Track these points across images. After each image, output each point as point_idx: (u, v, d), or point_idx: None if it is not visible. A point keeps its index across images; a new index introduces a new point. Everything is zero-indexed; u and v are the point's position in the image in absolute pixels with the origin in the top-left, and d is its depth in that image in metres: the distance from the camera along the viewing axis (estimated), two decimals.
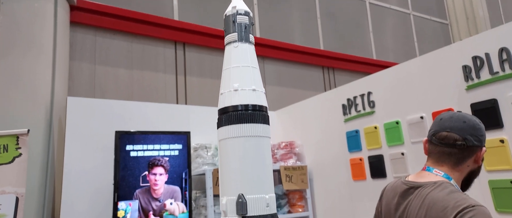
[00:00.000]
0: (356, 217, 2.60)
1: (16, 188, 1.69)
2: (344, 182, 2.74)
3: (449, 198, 1.05)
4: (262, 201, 0.54)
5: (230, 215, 0.55)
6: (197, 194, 2.98)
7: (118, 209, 2.40)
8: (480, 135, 1.13)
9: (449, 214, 1.02)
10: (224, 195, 0.58)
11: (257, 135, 0.57)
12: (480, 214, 1.00)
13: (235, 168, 0.56)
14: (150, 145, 2.65)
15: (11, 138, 1.74)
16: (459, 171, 1.14)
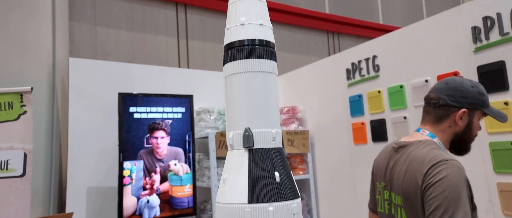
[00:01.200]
0: (355, 179, 2.67)
1: (23, 144, 1.72)
2: (344, 146, 2.77)
3: (428, 153, 1.10)
4: (268, 135, 0.54)
5: (236, 148, 0.56)
6: (201, 156, 3.04)
7: (124, 169, 2.46)
8: (461, 96, 1.14)
9: (425, 167, 1.06)
10: (230, 130, 0.58)
11: (264, 71, 0.56)
12: (452, 167, 1.03)
13: (242, 103, 0.56)
14: (153, 107, 2.67)
15: (15, 95, 1.75)
16: (441, 131, 1.18)
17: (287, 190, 0.50)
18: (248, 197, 0.48)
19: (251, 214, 0.48)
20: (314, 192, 3.02)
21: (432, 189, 1.01)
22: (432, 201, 1.00)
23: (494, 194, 1.79)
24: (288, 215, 0.50)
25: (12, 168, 1.67)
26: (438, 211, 0.98)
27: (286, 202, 0.49)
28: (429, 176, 1.04)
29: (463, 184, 1.02)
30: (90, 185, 2.59)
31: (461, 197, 0.99)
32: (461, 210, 0.97)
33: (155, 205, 2.54)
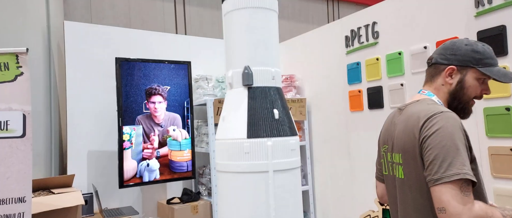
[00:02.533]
0: (350, 145, 2.72)
1: (22, 105, 1.72)
2: (341, 113, 2.81)
3: (424, 108, 1.10)
4: (268, 73, 0.55)
5: (236, 87, 0.56)
6: (199, 123, 3.07)
7: (123, 133, 2.49)
8: (450, 54, 1.13)
9: (421, 121, 1.06)
10: (229, 69, 0.59)
11: (265, 7, 0.56)
12: (447, 117, 1.03)
13: (241, 40, 0.56)
14: (151, 73, 2.66)
15: (11, 56, 1.73)
16: (436, 89, 1.17)
17: (285, 127, 0.52)
18: (247, 132, 0.50)
19: (250, 148, 0.49)
20: (310, 158, 3.09)
21: (429, 140, 1.02)
22: (430, 152, 1.01)
23: (484, 158, 1.84)
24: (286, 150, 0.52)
25: (12, 129, 1.69)
26: (437, 160, 0.98)
27: (285, 138, 0.51)
28: (426, 128, 1.04)
29: (460, 133, 1.02)
30: (90, 149, 2.63)
31: (458, 146, 0.98)
32: (459, 158, 0.97)
33: (155, 168, 2.60)
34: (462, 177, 0.94)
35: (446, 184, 0.95)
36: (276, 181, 0.47)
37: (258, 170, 0.50)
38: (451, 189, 0.95)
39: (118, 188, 2.43)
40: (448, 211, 0.94)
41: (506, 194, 1.73)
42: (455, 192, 0.94)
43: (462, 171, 0.95)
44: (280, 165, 0.59)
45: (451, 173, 0.95)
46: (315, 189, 3.08)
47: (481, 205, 0.99)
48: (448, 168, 0.96)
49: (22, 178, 1.67)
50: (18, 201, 1.67)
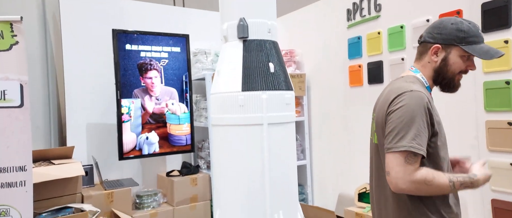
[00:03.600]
0: (348, 120, 2.73)
1: (18, 75, 1.71)
2: (340, 88, 2.80)
3: (400, 86, 1.19)
4: (264, 26, 0.54)
5: (231, 40, 0.55)
6: (198, 98, 3.07)
7: (122, 106, 2.49)
8: (437, 33, 1.20)
9: (392, 96, 1.18)
10: (225, 21, 0.57)
11: None
12: (413, 96, 1.13)
13: None
14: (148, 46, 2.62)
15: (5, 24, 1.70)
16: (423, 66, 1.26)
17: (281, 81, 0.51)
18: (242, 85, 0.49)
19: (245, 101, 0.49)
20: (308, 133, 3.11)
21: (392, 115, 1.14)
22: (389, 124, 1.14)
23: (481, 132, 1.85)
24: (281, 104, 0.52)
25: (10, 98, 1.68)
26: (393, 132, 1.11)
27: (280, 92, 0.50)
28: (393, 104, 1.16)
29: (421, 111, 1.12)
30: (89, 121, 2.64)
31: (415, 121, 1.10)
32: (412, 131, 1.09)
33: (154, 141, 2.62)
34: (407, 149, 1.09)
35: (395, 153, 1.09)
36: (270, 134, 0.47)
37: (252, 123, 0.50)
38: (397, 157, 1.09)
39: (118, 159, 2.46)
40: (391, 175, 1.11)
41: (501, 167, 1.76)
42: (399, 161, 1.09)
43: (409, 144, 1.09)
44: (275, 119, 0.59)
45: (400, 144, 1.08)
46: (312, 163, 3.12)
47: (423, 172, 1.10)
48: (399, 140, 1.09)
49: (22, 147, 1.68)
50: (19, 170, 1.69)
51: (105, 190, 2.32)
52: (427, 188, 1.10)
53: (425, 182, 1.09)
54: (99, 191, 2.31)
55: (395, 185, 1.09)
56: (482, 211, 1.84)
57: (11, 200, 1.65)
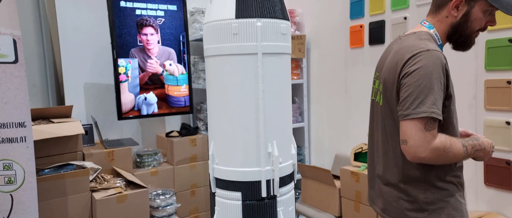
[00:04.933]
0: (348, 82, 2.72)
1: (11, 29, 1.67)
2: (340, 50, 2.76)
3: (415, 43, 1.10)
4: None
5: None
6: (196, 59, 3.03)
7: (119, 66, 2.46)
8: None
9: (406, 56, 1.09)
10: None
11: None
12: (430, 56, 1.05)
13: None
14: (142, 3, 2.53)
15: None
16: (439, 21, 1.16)
17: (277, 9, 0.49)
18: (235, 12, 0.47)
19: (239, 29, 0.48)
20: (307, 96, 3.12)
21: (408, 78, 1.06)
22: (406, 88, 1.06)
23: (480, 91, 1.85)
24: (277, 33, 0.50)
25: (3, 54, 1.65)
26: (410, 97, 1.04)
27: (275, 20, 0.49)
28: (408, 66, 1.07)
29: (439, 72, 1.05)
30: (86, 81, 2.62)
31: (434, 84, 1.03)
32: (431, 97, 1.02)
33: (153, 102, 2.62)
34: (429, 115, 1.01)
35: (413, 119, 1.03)
36: (265, 64, 0.47)
37: (246, 52, 0.49)
38: (416, 124, 1.02)
39: (117, 119, 2.47)
40: (409, 143, 1.03)
41: (497, 125, 1.78)
42: (418, 128, 1.02)
43: (430, 110, 1.02)
44: (270, 48, 0.57)
45: (420, 110, 1.02)
46: (310, 126, 3.15)
47: (442, 138, 1.05)
48: (418, 106, 1.02)
49: (19, 103, 1.67)
50: (19, 126, 1.70)
51: (106, 148, 2.36)
52: (445, 155, 1.05)
53: (444, 149, 1.04)
54: (99, 150, 2.35)
55: (413, 154, 1.03)
56: (474, 169, 1.89)
57: (13, 155, 1.68)
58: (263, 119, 0.47)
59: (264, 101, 0.48)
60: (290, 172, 0.50)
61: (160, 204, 2.30)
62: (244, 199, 0.47)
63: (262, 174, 0.46)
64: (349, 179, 2.30)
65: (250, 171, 0.46)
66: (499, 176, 1.75)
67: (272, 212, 0.47)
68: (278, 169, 0.46)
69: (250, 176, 0.47)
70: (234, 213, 0.47)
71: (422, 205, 1.14)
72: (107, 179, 2.22)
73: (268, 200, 0.47)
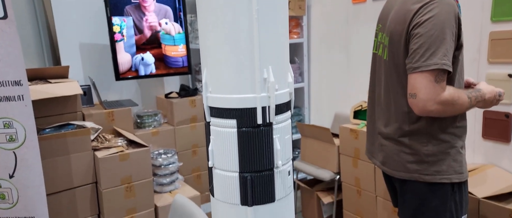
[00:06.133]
0: (349, 39, 2.66)
1: None
2: (342, 6, 2.67)
3: None
4: None
5: None
6: (192, 18, 2.94)
7: (113, 24, 2.39)
8: None
9: (416, 5, 1.04)
10: None
11: None
12: (442, 4, 1.00)
13: None
14: None
15: None
16: None
17: None
18: None
19: None
20: (307, 55, 3.06)
21: (419, 29, 1.01)
22: (416, 40, 1.02)
23: (484, 44, 1.81)
24: None
25: None
26: (421, 49, 1.00)
27: None
28: (419, 15, 1.03)
29: (452, 22, 1.01)
30: (82, 41, 2.56)
31: (446, 34, 0.99)
32: (443, 48, 0.98)
33: (150, 62, 2.58)
34: (440, 67, 0.98)
35: (423, 72, 0.99)
36: None
37: None
38: (426, 77, 0.99)
39: (115, 80, 2.45)
40: (418, 97, 1.00)
41: (499, 79, 1.75)
42: (428, 80, 0.99)
43: (441, 62, 0.98)
44: None
45: (431, 62, 0.98)
46: (310, 86, 3.13)
47: (451, 91, 1.03)
48: (429, 58, 0.98)
49: (13, 61, 1.64)
50: (15, 84, 1.68)
51: (105, 109, 2.36)
52: (452, 107, 1.03)
53: (452, 101, 1.02)
54: (99, 110, 2.35)
55: (422, 108, 1.01)
56: (473, 122, 1.89)
57: (12, 113, 1.68)
58: (258, 42, 0.45)
59: (258, 22, 0.46)
60: (287, 101, 0.49)
61: (162, 162, 2.34)
62: (239, 126, 0.46)
63: (257, 101, 0.45)
64: (348, 137, 2.33)
65: (245, 97, 0.45)
66: (497, 128, 1.75)
67: (268, 139, 0.46)
68: (274, 95, 0.45)
69: (245, 103, 0.46)
70: (230, 140, 0.47)
71: (423, 157, 1.14)
72: (108, 138, 2.24)
73: (264, 127, 0.46)
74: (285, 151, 0.50)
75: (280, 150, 0.49)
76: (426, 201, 1.17)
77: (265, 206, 0.50)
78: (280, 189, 0.50)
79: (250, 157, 0.48)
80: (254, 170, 0.48)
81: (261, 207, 0.50)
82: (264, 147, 0.48)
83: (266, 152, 0.48)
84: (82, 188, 2.06)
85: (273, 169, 0.49)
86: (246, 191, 0.48)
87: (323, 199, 2.50)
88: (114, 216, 2.06)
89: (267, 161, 0.49)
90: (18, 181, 1.68)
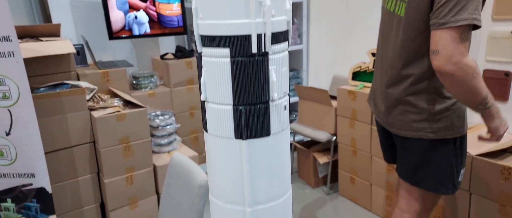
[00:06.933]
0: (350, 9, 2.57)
1: None
2: None
3: None
4: None
5: None
6: None
7: None
8: None
9: None
10: None
11: None
12: None
13: None
14: None
15: None
16: None
17: None
18: None
19: None
20: (306, 16, 2.97)
21: None
22: None
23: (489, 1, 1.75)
24: None
25: None
26: (450, 2, 0.93)
27: None
28: None
29: None
30: None
31: None
32: (474, 1, 0.91)
33: (144, 21, 2.50)
34: (470, 23, 0.91)
35: (450, 29, 0.92)
36: None
37: None
38: (452, 34, 0.92)
39: (109, 39, 2.38)
40: (441, 54, 0.95)
41: (501, 36, 1.72)
42: (453, 38, 0.92)
43: (472, 16, 0.91)
44: None
45: (460, 17, 0.91)
46: (309, 48, 3.07)
47: (475, 61, 0.98)
48: (458, 12, 0.91)
49: (1, 16, 1.58)
50: (4, 40, 1.63)
51: (100, 69, 2.32)
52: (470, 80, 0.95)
53: (474, 72, 0.95)
54: (93, 70, 2.31)
55: (442, 66, 0.95)
56: None
57: (4, 70, 1.64)
58: None
59: None
60: (284, 30, 0.46)
61: (160, 124, 2.34)
62: (233, 55, 0.43)
63: (252, 27, 0.43)
64: (345, 98, 2.32)
65: (239, 23, 0.42)
66: (496, 87, 1.74)
67: (264, 70, 0.44)
68: (270, 21, 0.42)
69: (238, 30, 0.43)
70: (223, 71, 0.45)
71: (428, 115, 1.14)
72: (104, 99, 2.22)
73: (259, 57, 0.44)
74: (281, 84, 0.49)
75: (276, 82, 0.47)
76: (428, 157, 1.18)
77: (260, 140, 0.49)
78: (275, 123, 0.49)
79: (245, 89, 0.46)
80: (248, 103, 0.46)
81: (255, 141, 0.49)
82: (259, 79, 0.46)
83: (262, 83, 0.46)
84: (80, 147, 2.07)
85: (268, 102, 0.48)
86: (240, 124, 0.47)
87: (319, 159, 2.54)
88: (113, 174, 2.10)
89: (262, 93, 0.47)
90: (15, 139, 1.69)
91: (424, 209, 1.28)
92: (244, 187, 0.50)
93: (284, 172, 0.53)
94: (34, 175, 1.74)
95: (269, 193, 0.52)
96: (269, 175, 0.51)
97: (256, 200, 0.51)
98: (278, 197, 0.53)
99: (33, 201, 1.78)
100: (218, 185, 0.53)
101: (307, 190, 2.61)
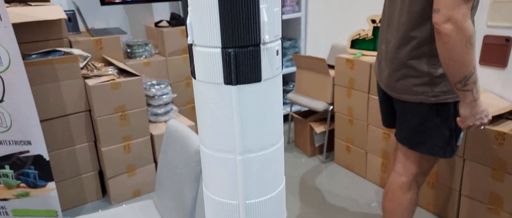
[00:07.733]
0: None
1: None
2: None
3: None
4: None
5: None
6: None
7: None
8: None
9: None
10: None
11: None
12: None
13: None
14: None
15: None
16: None
17: None
18: None
19: None
20: None
21: None
22: None
23: None
24: None
25: None
26: None
27: None
28: None
29: None
30: None
31: None
32: None
33: None
34: None
35: None
36: None
37: None
38: None
39: (100, 5, 2.31)
40: (441, 12, 0.94)
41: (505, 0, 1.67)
42: None
43: None
44: None
45: None
46: (307, 16, 2.99)
47: (473, 29, 0.96)
48: None
49: None
50: None
51: (93, 37, 2.26)
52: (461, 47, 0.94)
53: (468, 40, 0.93)
54: (86, 37, 2.25)
55: (440, 23, 0.94)
56: None
57: None
58: None
59: None
60: None
61: (156, 93, 2.32)
62: None
63: None
64: (343, 66, 2.29)
65: None
66: (496, 53, 1.72)
67: (254, 8, 0.42)
68: None
69: None
70: (210, 10, 0.42)
71: (430, 79, 1.14)
72: (98, 67, 2.18)
73: None
74: (273, 25, 0.46)
75: (268, 23, 0.44)
76: (428, 120, 1.19)
77: (251, 86, 0.47)
78: (266, 68, 0.47)
79: (234, 30, 0.44)
80: (238, 45, 0.44)
81: (246, 87, 0.47)
82: (249, 17, 0.43)
83: (252, 23, 0.44)
84: (76, 115, 2.06)
85: (259, 44, 0.45)
86: (229, 68, 0.45)
87: (315, 129, 2.55)
88: (110, 142, 2.10)
89: (252, 34, 0.44)
90: (8, 106, 1.67)
91: (420, 172, 1.29)
92: (235, 135, 0.49)
93: (276, 121, 0.52)
94: (30, 142, 1.74)
95: (260, 142, 0.51)
96: (261, 123, 0.50)
97: (247, 148, 0.50)
98: (270, 146, 0.52)
99: (31, 168, 1.79)
100: (208, 134, 0.52)
101: (303, 159, 2.64)
